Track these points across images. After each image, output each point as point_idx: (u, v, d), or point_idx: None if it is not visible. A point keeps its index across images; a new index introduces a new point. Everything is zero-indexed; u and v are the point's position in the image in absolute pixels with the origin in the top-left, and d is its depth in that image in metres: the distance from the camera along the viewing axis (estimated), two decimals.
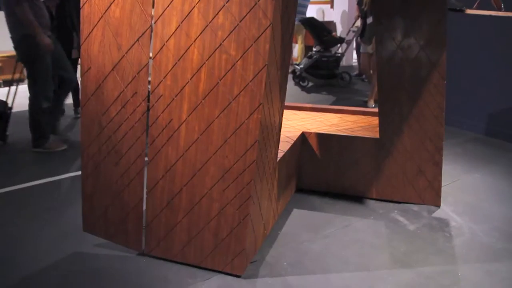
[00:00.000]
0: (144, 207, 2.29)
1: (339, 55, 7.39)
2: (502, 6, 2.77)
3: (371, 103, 5.72)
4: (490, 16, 2.81)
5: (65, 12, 4.91)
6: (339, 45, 7.56)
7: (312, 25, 7.27)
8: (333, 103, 6.12)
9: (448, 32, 2.65)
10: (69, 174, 3.62)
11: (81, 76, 2.30)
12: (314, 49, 7.43)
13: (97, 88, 2.26)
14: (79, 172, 3.12)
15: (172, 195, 2.20)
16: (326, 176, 3.16)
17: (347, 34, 8.06)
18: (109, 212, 2.39)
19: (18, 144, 4.33)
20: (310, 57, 7.21)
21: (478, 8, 2.85)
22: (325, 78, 7.21)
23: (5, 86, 7.24)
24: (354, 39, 7.61)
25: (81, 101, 2.34)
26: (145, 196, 2.27)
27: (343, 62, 8.34)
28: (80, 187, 2.46)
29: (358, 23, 7.13)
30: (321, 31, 7.23)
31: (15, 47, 4.03)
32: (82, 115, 2.35)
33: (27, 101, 4.11)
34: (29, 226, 2.77)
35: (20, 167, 3.83)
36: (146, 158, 2.22)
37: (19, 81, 4.64)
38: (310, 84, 7.38)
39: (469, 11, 2.82)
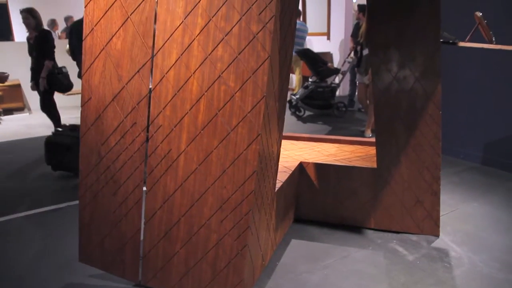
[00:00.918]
0: (142, 238, 2.27)
1: (335, 85, 7.49)
2: (493, 39, 2.85)
3: (368, 132, 5.76)
4: (482, 48, 2.89)
5: None
6: (335, 75, 7.67)
7: (308, 56, 7.39)
8: (329, 133, 6.16)
9: (443, 63, 2.71)
10: (67, 203, 3.60)
11: (81, 106, 2.32)
12: (310, 79, 7.52)
13: (97, 118, 2.29)
14: (77, 202, 3.11)
15: (170, 226, 2.18)
16: (324, 206, 3.16)
17: (342, 65, 8.18)
18: (106, 242, 2.36)
19: (13, 174, 4.32)
20: (306, 87, 7.30)
21: (470, 41, 2.93)
22: (321, 108, 7.27)
23: (5, 115, 7.30)
24: (349, 70, 7.73)
25: (81, 130, 2.35)
26: (142, 226, 2.26)
27: (339, 92, 8.44)
28: (77, 216, 2.44)
29: (353, 54, 7.24)
30: (316, 62, 7.34)
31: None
32: (82, 144, 2.36)
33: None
34: (25, 256, 2.73)
35: (16, 197, 3.80)
36: (144, 188, 2.22)
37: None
38: (307, 113, 7.45)
39: (461, 44, 2.90)
